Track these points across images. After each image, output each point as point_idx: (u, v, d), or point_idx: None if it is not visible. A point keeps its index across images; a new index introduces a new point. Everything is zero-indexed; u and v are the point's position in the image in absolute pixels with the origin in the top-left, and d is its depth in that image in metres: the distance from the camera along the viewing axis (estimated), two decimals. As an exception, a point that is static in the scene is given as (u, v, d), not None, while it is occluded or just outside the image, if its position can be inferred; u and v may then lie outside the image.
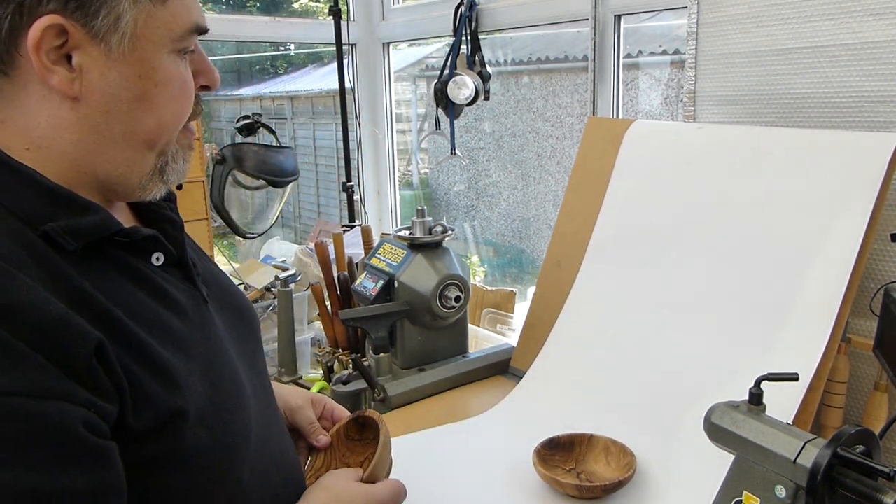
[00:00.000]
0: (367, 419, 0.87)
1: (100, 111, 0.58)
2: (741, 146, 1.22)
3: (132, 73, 0.58)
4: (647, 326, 1.23)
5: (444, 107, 1.92)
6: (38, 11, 0.53)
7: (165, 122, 0.62)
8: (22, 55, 0.55)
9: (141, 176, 0.63)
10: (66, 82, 0.56)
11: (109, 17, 0.55)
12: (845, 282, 1.02)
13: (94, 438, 0.51)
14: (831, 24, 1.16)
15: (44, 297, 0.51)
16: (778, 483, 0.74)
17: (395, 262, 1.46)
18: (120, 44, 0.56)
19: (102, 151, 0.59)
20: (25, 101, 0.57)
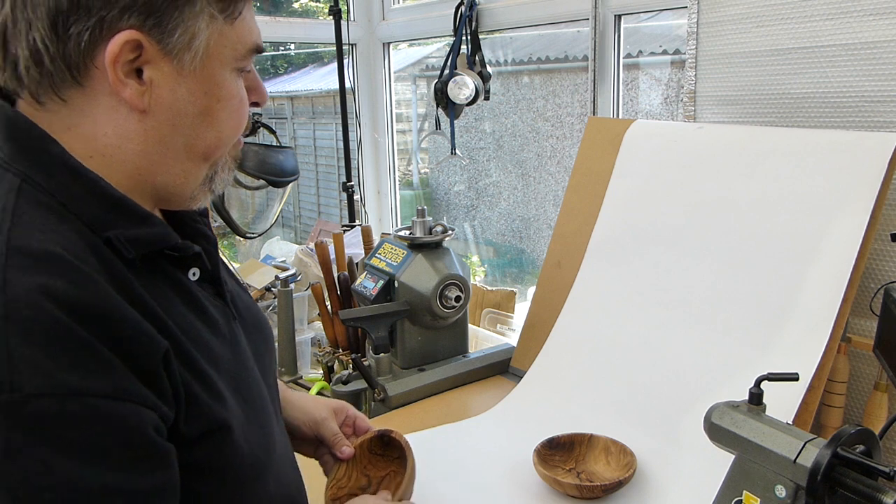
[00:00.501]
0: (392, 439, 0.90)
1: (166, 124, 0.60)
2: (741, 146, 1.22)
3: (199, 89, 0.60)
4: (647, 326, 1.23)
5: (444, 107, 1.92)
6: (118, 26, 0.55)
7: (224, 136, 0.64)
8: (97, 67, 0.56)
9: (194, 186, 0.65)
10: (137, 95, 0.57)
11: (185, 36, 0.57)
12: (845, 282, 1.02)
13: (161, 441, 0.54)
14: (831, 24, 1.16)
15: (120, 302, 0.53)
16: (778, 483, 0.74)
17: (395, 262, 1.46)
18: (192, 61, 0.59)
19: (163, 162, 0.61)
20: (95, 111, 0.58)
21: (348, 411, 0.93)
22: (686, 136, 1.32)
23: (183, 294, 0.64)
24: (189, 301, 0.64)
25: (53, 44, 0.55)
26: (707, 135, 1.29)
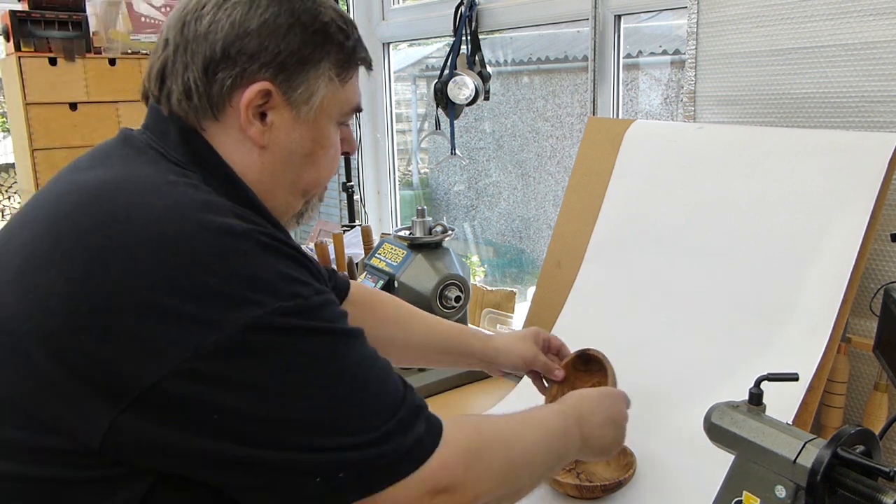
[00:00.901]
0: (591, 355, 1.09)
1: (279, 161, 0.72)
2: (741, 146, 1.22)
3: (309, 136, 0.73)
4: (647, 326, 1.23)
5: (444, 107, 1.92)
6: (255, 77, 0.68)
7: (322, 177, 0.77)
8: (232, 106, 0.69)
9: (289, 216, 0.78)
10: (259, 133, 0.70)
11: (306, 93, 0.71)
12: (845, 282, 1.02)
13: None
14: (831, 24, 1.16)
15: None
16: (778, 483, 0.74)
17: (395, 262, 1.46)
18: (307, 113, 0.72)
19: (272, 192, 0.73)
20: (225, 141, 0.70)
21: (544, 338, 1.11)
22: (686, 137, 1.32)
23: None
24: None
25: (203, 84, 0.68)
26: (707, 135, 1.29)
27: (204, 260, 0.59)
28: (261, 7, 0.68)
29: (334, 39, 0.72)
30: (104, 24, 1.80)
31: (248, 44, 0.67)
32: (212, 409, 0.57)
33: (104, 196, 0.62)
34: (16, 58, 1.69)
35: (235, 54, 0.67)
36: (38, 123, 1.72)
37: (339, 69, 0.73)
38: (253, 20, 0.67)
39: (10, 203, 6.39)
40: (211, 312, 0.57)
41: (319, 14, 0.71)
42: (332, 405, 0.61)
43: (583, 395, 0.92)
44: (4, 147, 6.24)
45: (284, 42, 0.68)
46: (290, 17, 0.69)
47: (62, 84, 1.75)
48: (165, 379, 0.56)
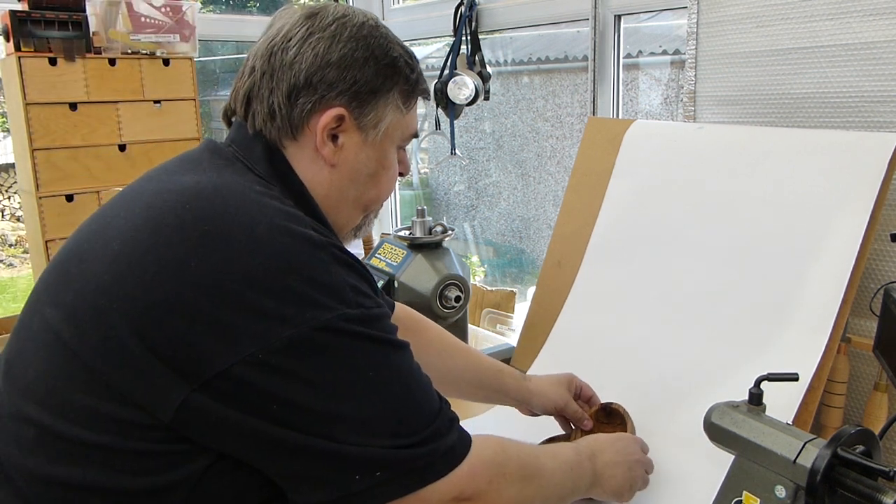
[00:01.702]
0: (613, 410, 1.12)
1: (346, 178, 0.80)
2: (741, 146, 1.22)
3: (374, 157, 0.81)
4: (647, 326, 1.23)
5: (444, 107, 1.92)
6: (331, 103, 0.76)
7: (381, 195, 0.85)
8: (309, 128, 0.77)
9: (349, 228, 0.85)
10: (331, 153, 0.78)
11: (374, 118, 0.78)
12: (845, 282, 1.02)
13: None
14: (831, 24, 1.16)
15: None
16: (778, 483, 0.74)
17: (395, 262, 1.46)
18: (375, 137, 0.79)
19: (337, 206, 0.81)
20: (300, 159, 0.78)
21: (576, 383, 1.14)
22: (686, 137, 1.32)
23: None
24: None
25: (286, 108, 0.76)
26: (707, 135, 1.29)
27: (288, 263, 0.65)
28: (341, 42, 0.76)
29: (402, 72, 0.80)
30: (104, 24, 1.80)
31: (328, 74, 0.75)
32: (274, 398, 0.63)
33: (204, 196, 0.68)
34: (16, 58, 1.69)
35: (317, 83, 0.75)
36: (38, 123, 1.72)
37: (405, 98, 0.81)
38: (334, 54, 0.75)
39: (10, 203, 6.39)
40: (287, 310, 0.63)
41: (390, 50, 0.79)
42: (381, 407, 0.67)
43: (597, 437, 0.97)
44: (4, 147, 6.24)
45: (360, 73, 0.76)
46: (365, 51, 0.77)
47: (62, 84, 1.75)
48: (237, 365, 0.61)
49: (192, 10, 1.90)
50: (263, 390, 0.62)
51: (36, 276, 1.93)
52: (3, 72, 1.81)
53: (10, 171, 6.35)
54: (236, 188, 0.70)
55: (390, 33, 0.82)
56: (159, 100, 1.89)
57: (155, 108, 1.89)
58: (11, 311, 3.01)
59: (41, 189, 1.75)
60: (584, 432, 1.11)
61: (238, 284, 0.63)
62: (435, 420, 0.71)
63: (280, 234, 0.66)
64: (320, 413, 0.64)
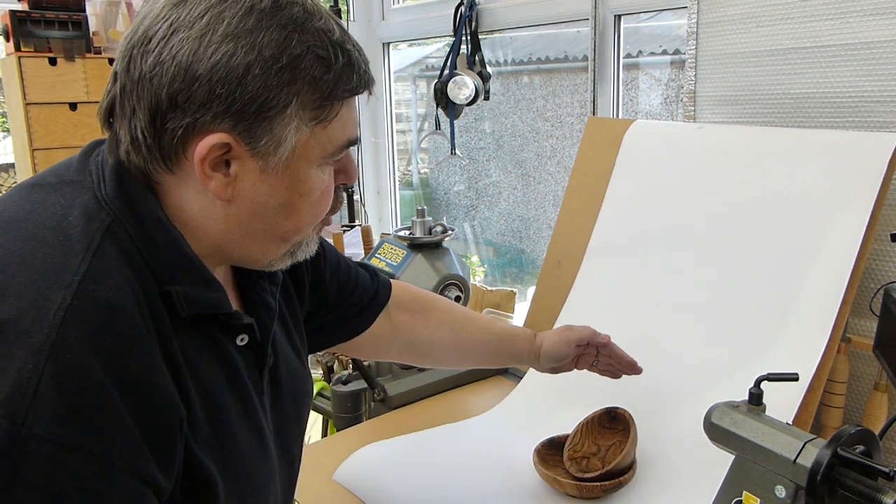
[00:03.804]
0: (619, 414, 1.10)
1: (246, 212, 0.63)
2: (741, 146, 1.22)
3: (281, 185, 0.62)
4: (647, 326, 1.23)
5: (444, 107, 1.92)
6: (210, 128, 0.58)
7: (303, 225, 0.67)
8: (187, 158, 0.59)
9: (270, 259, 0.68)
10: (221, 187, 0.60)
11: (271, 143, 0.59)
12: (845, 282, 1.02)
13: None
14: (831, 24, 1.16)
15: (157, 366, 0.56)
16: (778, 483, 0.74)
17: (395, 262, 1.46)
18: (276, 164, 0.61)
19: (242, 242, 0.65)
20: (183, 193, 0.62)
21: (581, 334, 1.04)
22: (686, 136, 1.32)
23: (222, 359, 0.66)
24: (227, 368, 0.67)
25: (151, 135, 0.58)
26: (707, 135, 1.29)
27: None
28: (212, 44, 0.56)
29: (306, 75, 0.59)
30: (104, 24, 1.80)
31: (196, 91, 0.56)
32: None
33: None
34: (16, 58, 1.69)
35: (184, 103, 0.57)
36: (38, 123, 1.72)
37: (316, 111, 0.61)
38: (201, 63, 0.56)
39: (10, 203, 6.38)
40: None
41: (290, 45, 0.58)
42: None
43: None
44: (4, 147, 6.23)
45: (240, 88, 0.56)
46: (248, 53, 0.56)
47: (62, 84, 1.75)
48: None
49: (192, 10, 1.90)
50: None
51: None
52: (3, 72, 1.81)
53: (10, 171, 6.34)
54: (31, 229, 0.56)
55: (299, 14, 0.59)
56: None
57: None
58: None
59: (41, 189, 1.75)
60: (581, 437, 1.11)
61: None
62: None
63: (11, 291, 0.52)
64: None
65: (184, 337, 0.61)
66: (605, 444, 1.11)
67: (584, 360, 1.08)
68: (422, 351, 1.05)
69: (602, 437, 1.12)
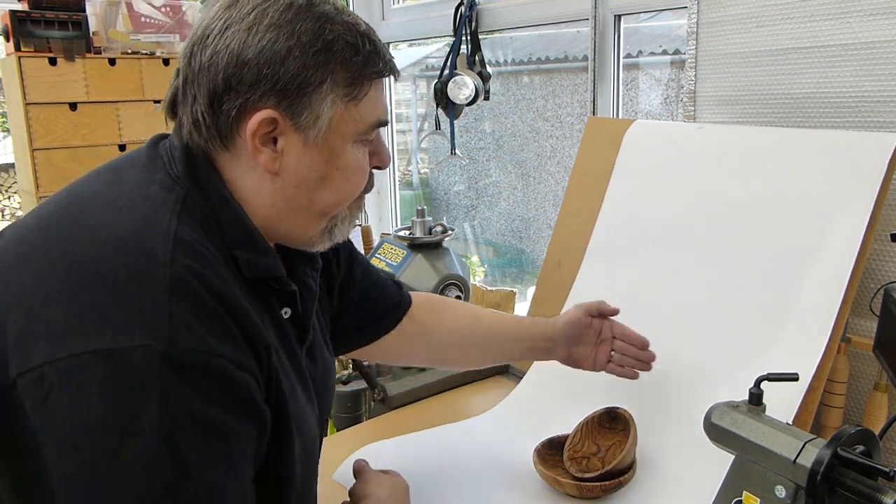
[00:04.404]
0: (619, 414, 1.11)
1: (291, 185, 0.71)
2: (741, 146, 1.22)
3: (320, 158, 0.71)
4: (647, 326, 1.22)
5: (444, 107, 1.92)
6: (258, 106, 0.67)
7: (341, 198, 0.75)
8: (240, 136, 0.69)
9: (311, 235, 0.77)
10: (270, 160, 0.69)
11: (311, 116, 0.69)
12: (845, 282, 1.02)
13: (263, 405, 0.66)
14: (831, 24, 1.16)
15: (241, 296, 0.66)
16: (778, 483, 0.74)
17: (395, 262, 1.46)
18: (315, 137, 0.70)
19: (287, 216, 0.73)
20: (237, 169, 0.71)
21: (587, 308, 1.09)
22: (686, 136, 1.32)
23: (275, 323, 0.75)
24: (279, 331, 0.75)
25: (210, 116, 0.68)
26: (707, 135, 1.29)
27: (95, 273, 0.60)
28: (258, 34, 0.66)
29: (339, 57, 0.68)
30: (104, 24, 1.80)
31: (246, 74, 0.66)
32: (43, 421, 0.57)
33: (74, 204, 0.67)
34: (16, 58, 1.69)
35: (236, 85, 0.66)
36: (38, 123, 1.72)
37: (348, 88, 0.70)
38: (250, 49, 0.66)
39: (10, 203, 6.39)
40: (74, 327, 0.58)
41: (324, 32, 0.67)
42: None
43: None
44: (4, 147, 6.23)
45: (283, 68, 0.66)
46: (288, 39, 0.66)
47: (62, 84, 1.75)
48: (20, 378, 0.57)
49: (192, 10, 1.90)
50: (34, 409, 0.57)
51: (36, 276, 1.93)
52: (3, 72, 1.81)
53: (10, 171, 6.34)
54: (114, 197, 0.66)
55: (331, 10, 0.70)
56: (159, 100, 1.90)
57: (155, 108, 1.90)
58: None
59: (41, 189, 1.75)
60: (580, 437, 1.11)
61: (43, 296, 0.59)
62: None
63: (114, 244, 0.61)
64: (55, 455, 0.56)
65: (250, 297, 0.70)
66: (605, 444, 1.11)
67: (602, 350, 1.10)
68: (443, 348, 1.10)
69: (602, 437, 1.12)
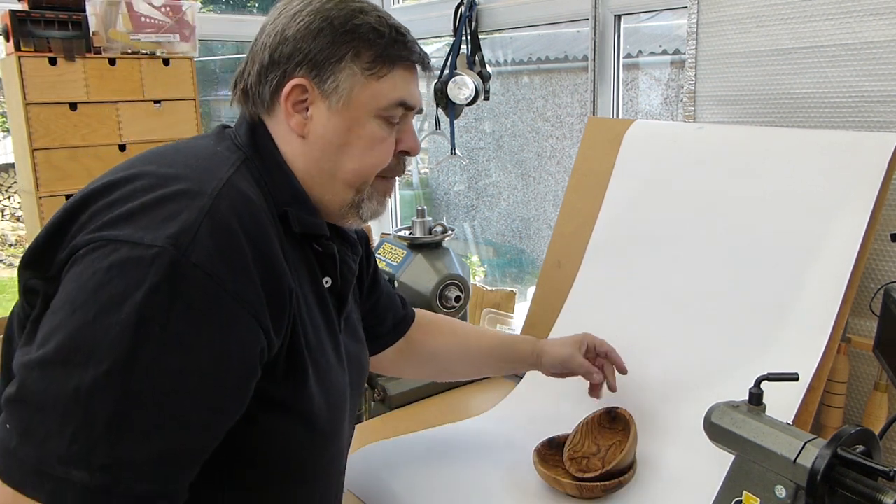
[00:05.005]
0: (619, 414, 1.12)
1: (317, 149, 0.80)
2: (741, 146, 1.22)
3: (343, 125, 0.80)
4: (647, 326, 1.23)
5: (444, 107, 1.91)
6: (292, 75, 0.78)
7: (363, 168, 0.82)
8: (278, 102, 0.79)
9: (341, 205, 0.83)
10: (300, 125, 0.79)
11: (333, 83, 0.78)
12: (845, 282, 1.02)
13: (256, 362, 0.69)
14: (831, 24, 1.16)
15: (278, 249, 0.72)
16: (778, 483, 0.74)
17: (395, 261, 1.46)
18: (338, 102, 0.79)
19: (316, 181, 0.81)
20: (277, 133, 0.81)
21: (588, 340, 1.13)
22: (686, 136, 1.32)
23: (315, 284, 0.82)
24: (317, 293, 0.82)
25: (258, 86, 0.80)
26: (707, 135, 1.29)
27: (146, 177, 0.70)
28: (298, 17, 0.79)
29: (363, 38, 0.79)
30: (104, 24, 1.80)
31: (286, 48, 0.78)
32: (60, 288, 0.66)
33: (136, 158, 0.77)
34: (16, 58, 1.69)
35: (279, 58, 0.78)
36: (38, 123, 1.72)
37: (369, 64, 0.79)
38: (291, 29, 0.78)
39: (10, 203, 6.39)
40: (117, 214, 0.66)
41: (353, 18, 0.79)
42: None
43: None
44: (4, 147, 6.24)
45: (315, 43, 0.78)
46: (322, 22, 0.78)
47: (62, 84, 1.75)
48: (70, 255, 0.67)
49: (192, 10, 1.90)
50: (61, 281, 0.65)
51: (36, 276, 1.93)
52: (3, 72, 1.81)
53: (10, 171, 6.34)
54: (183, 152, 0.77)
55: (367, 6, 0.81)
56: (159, 100, 1.90)
57: (155, 107, 1.89)
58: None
59: (41, 189, 1.75)
60: (581, 436, 1.12)
61: (108, 202, 0.67)
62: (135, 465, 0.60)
63: (175, 175, 0.70)
64: (46, 321, 0.63)
65: (291, 253, 0.77)
66: (605, 444, 1.11)
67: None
68: (436, 363, 1.17)
69: (602, 437, 1.12)
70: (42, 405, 0.59)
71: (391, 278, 1.44)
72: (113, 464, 0.58)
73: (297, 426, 0.76)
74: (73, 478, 0.57)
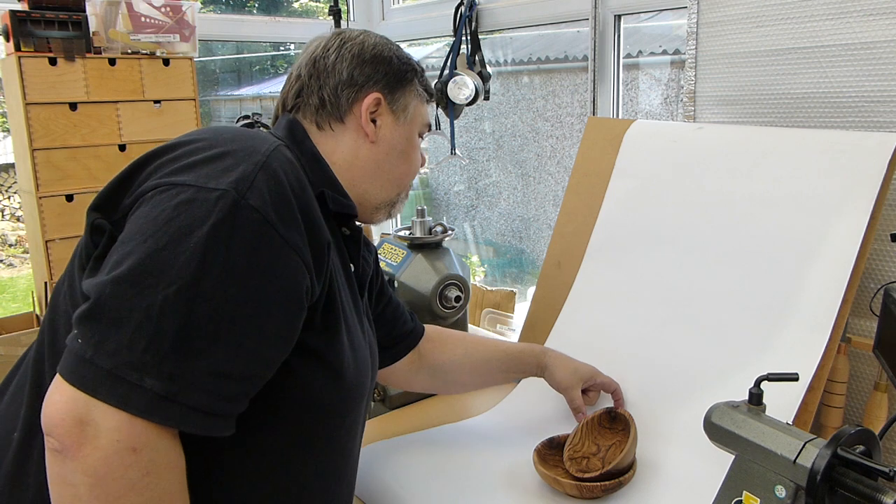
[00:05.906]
0: (619, 414, 1.14)
1: (383, 153, 0.95)
2: (741, 146, 1.22)
3: (403, 136, 0.96)
4: (647, 326, 1.23)
5: (444, 107, 1.91)
6: (369, 90, 0.93)
7: (412, 171, 1.00)
8: (352, 112, 0.93)
9: (382, 201, 0.97)
10: (373, 132, 0.93)
11: (403, 102, 0.96)
12: (845, 282, 1.02)
13: (302, 297, 0.75)
14: (831, 24, 1.16)
15: (318, 210, 0.79)
16: (778, 483, 0.74)
17: (395, 261, 1.46)
18: (404, 118, 0.96)
19: (371, 179, 0.95)
20: (342, 138, 0.93)
21: (595, 378, 1.20)
22: (686, 136, 1.32)
23: (342, 262, 0.90)
24: (347, 274, 0.91)
25: (334, 98, 0.92)
26: (707, 135, 1.29)
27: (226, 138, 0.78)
28: (369, 46, 0.94)
29: (414, 69, 0.97)
30: (104, 24, 1.80)
31: (365, 69, 0.93)
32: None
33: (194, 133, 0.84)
34: (16, 58, 1.69)
35: (357, 77, 0.92)
36: (38, 123, 1.72)
37: (426, 89, 0.99)
38: (366, 53, 0.93)
39: (10, 203, 6.39)
40: (190, 161, 0.74)
41: (402, 53, 0.97)
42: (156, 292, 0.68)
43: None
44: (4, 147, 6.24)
45: (388, 67, 0.94)
46: (388, 52, 0.95)
47: (62, 84, 1.75)
48: (136, 193, 0.76)
49: (192, 10, 1.90)
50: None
51: (36, 275, 1.93)
52: (3, 72, 1.81)
53: (10, 171, 6.34)
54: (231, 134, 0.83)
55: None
56: (159, 100, 1.89)
57: (155, 108, 1.89)
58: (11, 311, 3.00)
59: (41, 189, 1.75)
60: (580, 436, 1.12)
61: (175, 153, 0.76)
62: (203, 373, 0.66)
63: (228, 141, 0.77)
64: (116, 252, 0.69)
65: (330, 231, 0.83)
66: (605, 444, 1.11)
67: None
68: (443, 375, 1.21)
69: (602, 437, 1.12)
70: (117, 320, 0.64)
71: (391, 278, 1.44)
72: (180, 374, 0.65)
73: (328, 378, 0.82)
74: (146, 384, 0.64)
